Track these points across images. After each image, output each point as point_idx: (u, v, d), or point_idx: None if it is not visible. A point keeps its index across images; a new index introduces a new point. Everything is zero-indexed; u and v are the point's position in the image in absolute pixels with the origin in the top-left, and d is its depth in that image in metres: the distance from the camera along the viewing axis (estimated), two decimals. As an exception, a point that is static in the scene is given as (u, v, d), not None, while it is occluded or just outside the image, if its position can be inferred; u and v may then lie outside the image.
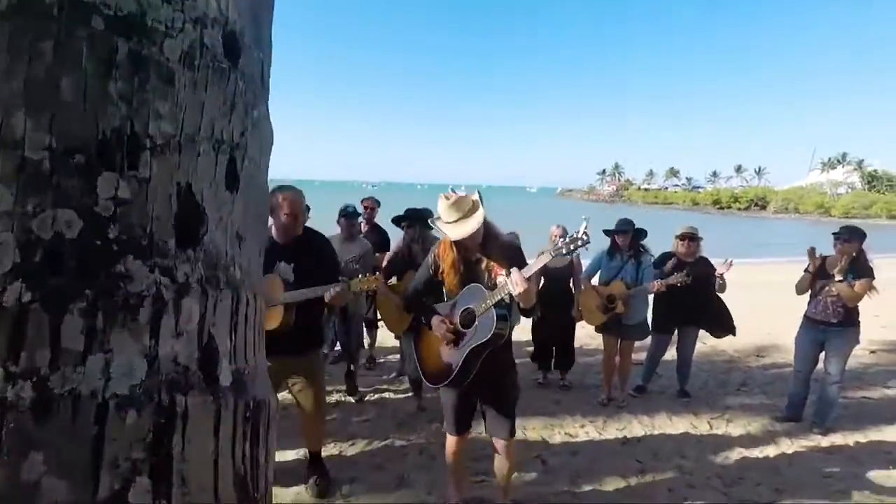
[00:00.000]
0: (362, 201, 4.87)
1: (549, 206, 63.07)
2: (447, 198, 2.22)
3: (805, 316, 3.94)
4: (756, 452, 3.49)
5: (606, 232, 4.35)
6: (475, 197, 2.24)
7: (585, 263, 4.55)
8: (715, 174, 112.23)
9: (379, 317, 4.85)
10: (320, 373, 2.81)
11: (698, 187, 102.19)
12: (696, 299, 4.25)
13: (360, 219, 4.65)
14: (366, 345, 4.93)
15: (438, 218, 2.28)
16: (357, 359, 4.31)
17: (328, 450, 3.30)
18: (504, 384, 2.41)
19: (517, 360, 2.49)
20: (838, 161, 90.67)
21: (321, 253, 2.66)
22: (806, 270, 3.88)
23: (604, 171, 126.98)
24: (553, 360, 4.70)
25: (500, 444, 2.46)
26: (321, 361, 2.86)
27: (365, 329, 4.91)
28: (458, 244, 2.28)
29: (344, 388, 4.25)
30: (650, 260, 4.24)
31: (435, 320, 2.32)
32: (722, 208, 75.39)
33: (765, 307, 8.24)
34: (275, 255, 2.55)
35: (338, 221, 4.19)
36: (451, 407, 2.45)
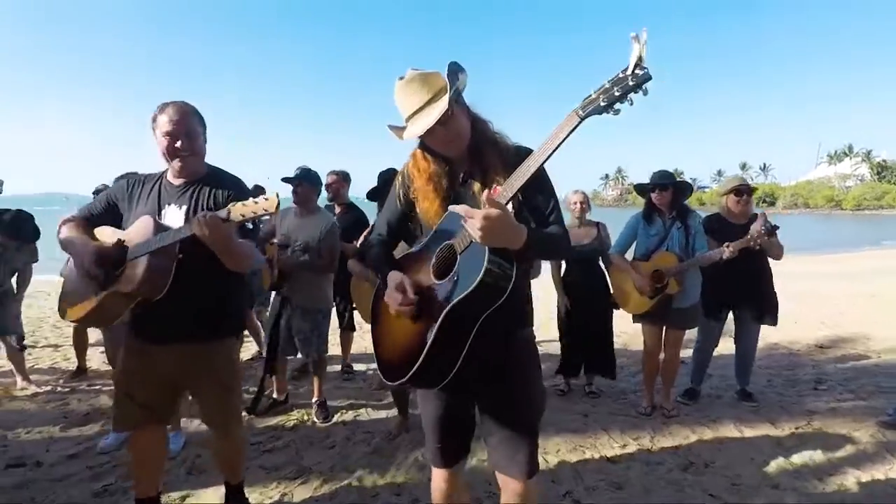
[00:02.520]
0: (327, 176, 3.81)
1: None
2: (401, 78, 1.34)
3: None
4: (879, 475, 2.46)
5: (639, 188, 3.35)
6: (443, 76, 1.32)
7: (615, 235, 3.54)
8: (720, 173, 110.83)
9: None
10: (229, 369, 1.86)
11: (703, 187, 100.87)
12: (753, 271, 3.25)
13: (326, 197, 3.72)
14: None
15: (395, 126, 1.39)
16: (321, 366, 3.29)
17: (268, 493, 2.30)
18: (517, 382, 1.42)
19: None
20: (845, 153, 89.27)
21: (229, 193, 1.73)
22: None
23: (607, 176, 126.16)
24: (585, 362, 3.65)
25: (511, 485, 1.44)
26: (230, 354, 1.90)
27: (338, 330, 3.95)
28: (434, 150, 1.39)
29: (311, 408, 3.25)
30: (700, 222, 3.22)
31: (390, 278, 1.35)
32: (729, 206, 74.01)
33: (807, 295, 7.25)
34: (163, 198, 1.75)
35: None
36: (433, 422, 1.50)
